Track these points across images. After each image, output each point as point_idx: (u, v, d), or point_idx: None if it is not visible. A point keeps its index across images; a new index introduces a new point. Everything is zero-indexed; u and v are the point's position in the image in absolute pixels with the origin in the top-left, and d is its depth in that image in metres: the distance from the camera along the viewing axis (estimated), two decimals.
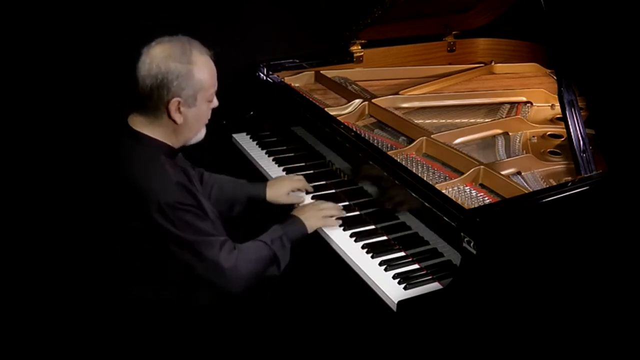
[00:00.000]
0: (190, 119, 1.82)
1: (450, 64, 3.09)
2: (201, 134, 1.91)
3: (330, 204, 2.14)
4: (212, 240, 1.80)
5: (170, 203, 1.73)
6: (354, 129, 2.36)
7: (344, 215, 2.14)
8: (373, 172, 2.12)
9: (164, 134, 1.83)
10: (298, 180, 2.29)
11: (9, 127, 2.78)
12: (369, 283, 1.89)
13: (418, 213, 1.94)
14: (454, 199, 1.89)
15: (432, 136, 2.26)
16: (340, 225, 2.12)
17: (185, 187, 1.79)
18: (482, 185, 2.05)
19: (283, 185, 2.24)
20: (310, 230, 2.06)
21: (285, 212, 2.14)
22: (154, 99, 1.76)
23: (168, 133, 1.83)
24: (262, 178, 2.49)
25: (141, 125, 1.82)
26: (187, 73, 1.75)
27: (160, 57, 1.75)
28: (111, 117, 1.93)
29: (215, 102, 1.89)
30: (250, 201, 2.23)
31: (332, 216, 2.11)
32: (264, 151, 2.63)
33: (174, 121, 1.80)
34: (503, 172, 2.04)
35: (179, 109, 1.78)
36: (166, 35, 1.82)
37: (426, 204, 1.88)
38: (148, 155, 1.80)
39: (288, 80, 2.80)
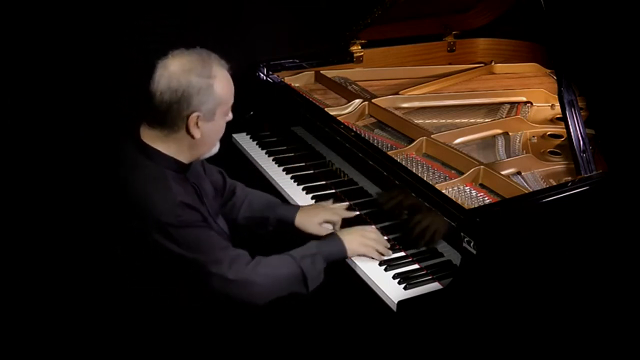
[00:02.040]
0: (207, 133, 1.78)
1: (450, 64, 3.09)
2: (215, 148, 1.86)
3: (378, 235, 1.99)
4: (219, 256, 1.74)
5: (172, 222, 1.68)
6: (354, 129, 2.36)
7: (389, 255, 1.96)
8: (373, 172, 2.12)
9: (177, 150, 1.78)
10: (335, 214, 2.10)
11: (10, 128, 2.79)
12: (369, 283, 1.89)
13: (418, 213, 1.94)
14: (454, 199, 1.89)
15: (432, 136, 2.26)
16: (341, 227, 2.11)
17: (189, 206, 1.73)
18: (482, 185, 2.05)
19: (317, 215, 2.08)
20: (351, 254, 1.92)
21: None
22: (173, 113, 1.71)
23: (182, 148, 1.78)
24: (262, 178, 2.49)
25: (154, 139, 1.77)
26: (208, 87, 1.71)
27: (180, 71, 1.70)
28: (112, 118, 1.92)
29: (230, 116, 1.85)
30: (280, 223, 2.11)
31: (376, 249, 1.94)
32: (264, 151, 2.63)
33: (192, 136, 1.75)
34: (503, 172, 2.04)
35: (197, 123, 1.74)
36: (183, 48, 1.77)
37: (426, 204, 1.88)
38: (154, 172, 1.75)
39: (288, 80, 2.80)
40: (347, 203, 2.22)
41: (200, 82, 1.70)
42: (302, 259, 1.84)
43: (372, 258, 1.94)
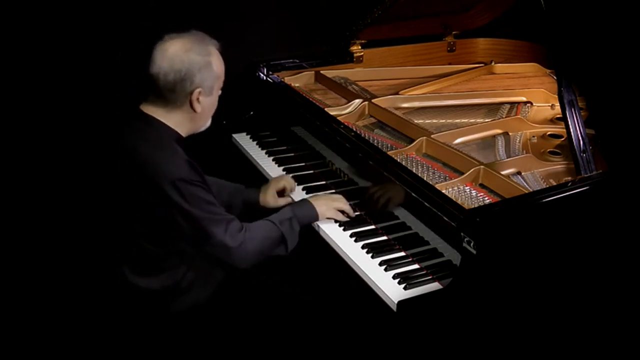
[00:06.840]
0: (206, 107, 1.92)
1: (450, 64, 3.09)
2: (208, 122, 2.00)
3: (343, 199, 2.17)
4: (219, 218, 1.86)
5: (183, 178, 1.79)
6: (354, 129, 2.36)
7: (352, 216, 2.15)
8: (373, 172, 2.12)
9: (178, 122, 1.89)
10: (284, 180, 2.30)
11: (19, 123, 2.81)
12: (369, 283, 1.89)
13: (418, 213, 1.95)
14: (454, 199, 1.89)
15: (432, 136, 2.26)
16: (340, 225, 2.12)
17: (195, 167, 1.85)
18: (482, 185, 2.05)
19: (268, 188, 2.27)
20: (321, 217, 2.10)
21: None
22: (177, 91, 1.84)
23: (182, 121, 1.90)
24: (262, 178, 2.49)
25: (155, 113, 1.88)
26: (207, 64, 1.85)
27: (181, 52, 1.82)
28: (119, 108, 1.98)
29: (219, 91, 1.98)
30: (246, 205, 2.28)
31: (342, 211, 2.13)
32: (264, 151, 2.63)
33: (194, 110, 1.88)
34: (503, 172, 2.04)
35: (198, 98, 1.86)
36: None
37: (426, 204, 1.88)
38: (159, 137, 1.86)
39: (288, 80, 2.80)
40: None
41: (201, 60, 1.83)
42: (282, 223, 1.99)
43: (337, 220, 2.13)
